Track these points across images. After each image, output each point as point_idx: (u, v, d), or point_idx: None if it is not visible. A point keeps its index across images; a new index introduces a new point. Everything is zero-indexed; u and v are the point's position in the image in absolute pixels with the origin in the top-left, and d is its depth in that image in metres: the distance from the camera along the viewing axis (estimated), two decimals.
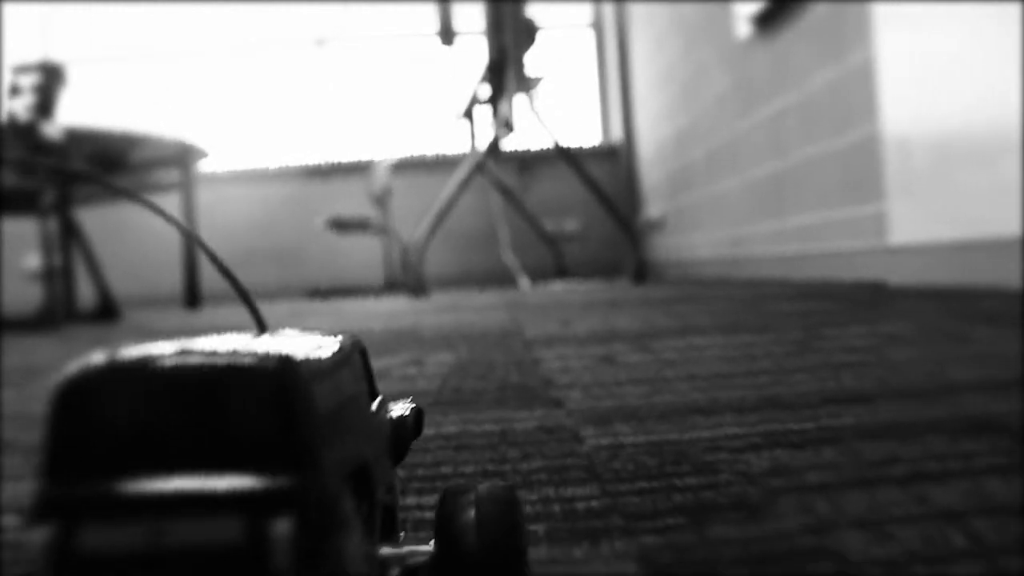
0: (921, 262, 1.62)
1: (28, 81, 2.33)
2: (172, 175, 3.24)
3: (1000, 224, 1.37)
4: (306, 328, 1.38)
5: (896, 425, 0.38)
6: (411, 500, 0.31)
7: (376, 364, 0.76)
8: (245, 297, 0.20)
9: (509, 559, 0.17)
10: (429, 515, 0.28)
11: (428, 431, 0.44)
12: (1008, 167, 1.35)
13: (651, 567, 0.22)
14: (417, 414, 0.20)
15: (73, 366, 0.14)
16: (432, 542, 0.18)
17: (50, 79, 2.47)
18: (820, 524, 0.25)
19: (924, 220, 1.61)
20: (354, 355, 0.17)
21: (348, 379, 0.16)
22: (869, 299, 1.23)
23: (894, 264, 1.73)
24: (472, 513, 0.17)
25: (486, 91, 3.44)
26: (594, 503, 0.29)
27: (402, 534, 0.20)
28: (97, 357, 0.14)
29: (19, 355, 1.16)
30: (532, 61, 3.33)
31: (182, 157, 2.98)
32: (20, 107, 2.35)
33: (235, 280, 0.19)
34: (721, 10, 2.88)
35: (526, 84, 3.32)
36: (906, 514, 0.25)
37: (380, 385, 0.62)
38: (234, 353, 0.14)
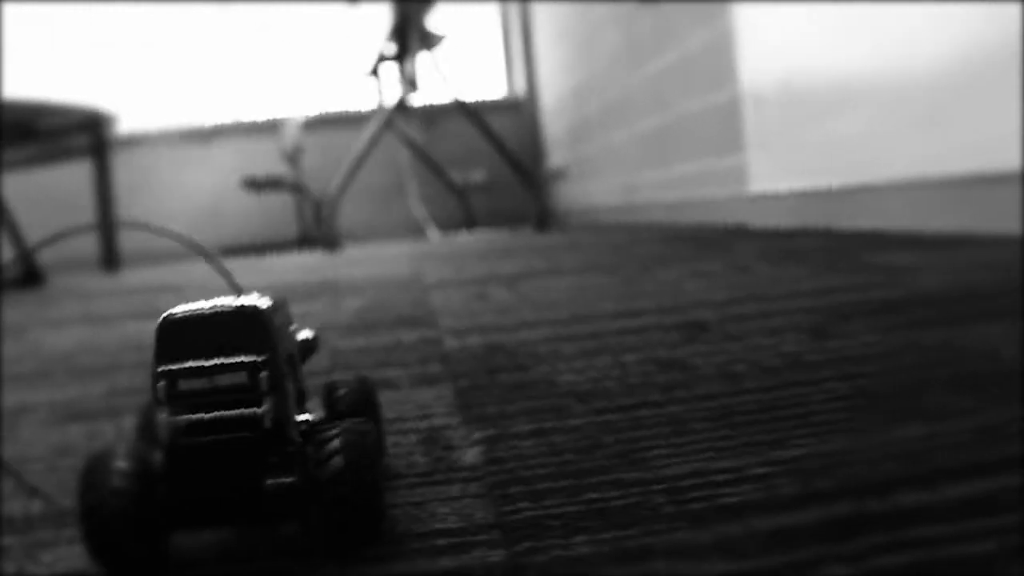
0: (774, 208, 1.86)
1: None
2: (83, 141, 3.33)
3: (834, 176, 1.62)
4: (258, 291, 1.55)
5: (639, 326, 0.59)
6: (340, 377, 0.51)
7: (301, 309, 0.95)
8: (231, 281, 0.33)
9: (367, 414, 0.33)
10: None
11: (344, 344, 0.64)
12: (840, 126, 1.59)
13: (462, 396, 0.43)
14: (316, 338, 0.34)
15: (164, 314, 0.28)
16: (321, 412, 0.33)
17: None
18: (558, 369, 0.46)
19: (776, 171, 1.85)
20: (284, 304, 0.31)
21: (284, 315, 0.30)
22: (716, 242, 1.46)
23: (754, 210, 1.97)
24: (343, 393, 0.33)
25: (391, 49, 3.56)
26: (437, 370, 0.50)
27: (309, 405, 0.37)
28: (175, 308, 0.28)
29: None
30: (435, 19, 3.47)
31: (92, 124, 3.08)
32: None
33: (226, 272, 0.37)
34: None
35: (430, 42, 3.46)
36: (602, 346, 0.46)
37: (307, 321, 0.82)
38: (239, 304, 0.28)
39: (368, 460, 0.26)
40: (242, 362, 0.27)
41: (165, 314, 0.28)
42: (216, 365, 0.27)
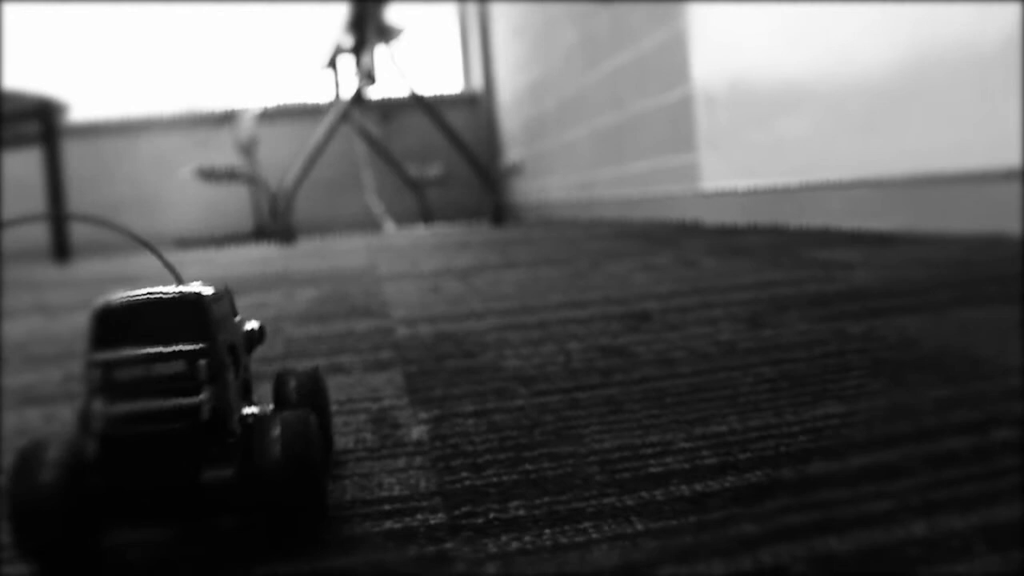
0: (726, 205, 1.90)
1: None
2: (33, 128, 3.29)
3: (781, 175, 1.65)
4: (201, 280, 1.55)
5: (585, 316, 0.61)
6: (294, 363, 0.52)
7: (256, 299, 0.96)
8: (172, 269, 0.33)
9: (314, 406, 0.32)
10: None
11: (298, 333, 0.65)
12: (787, 127, 1.62)
13: (411, 380, 0.45)
14: (262, 328, 0.33)
15: (97, 301, 0.27)
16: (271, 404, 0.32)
17: None
18: (503, 356, 0.48)
19: (727, 169, 1.89)
20: (228, 293, 0.30)
21: (226, 305, 0.29)
22: (667, 238, 1.49)
23: (706, 207, 2.01)
24: (293, 384, 0.32)
25: (349, 41, 3.55)
26: (388, 357, 0.51)
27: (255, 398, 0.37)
28: (109, 297, 0.27)
29: None
30: (393, 12, 3.47)
31: (42, 111, 3.04)
32: None
33: (165, 260, 0.33)
34: None
35: (387, 35, 3.46)
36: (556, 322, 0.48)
37: (260, 312, 0.83)
38: (177, 291, 0.27)
39: (308, 450, 0.25)
40: (180, 351, 0.26)
41: (100, 300, 0.27)
42: (153, 353, 0.26)
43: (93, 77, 4.83)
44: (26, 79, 4.85)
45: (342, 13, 3.50)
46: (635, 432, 0.32)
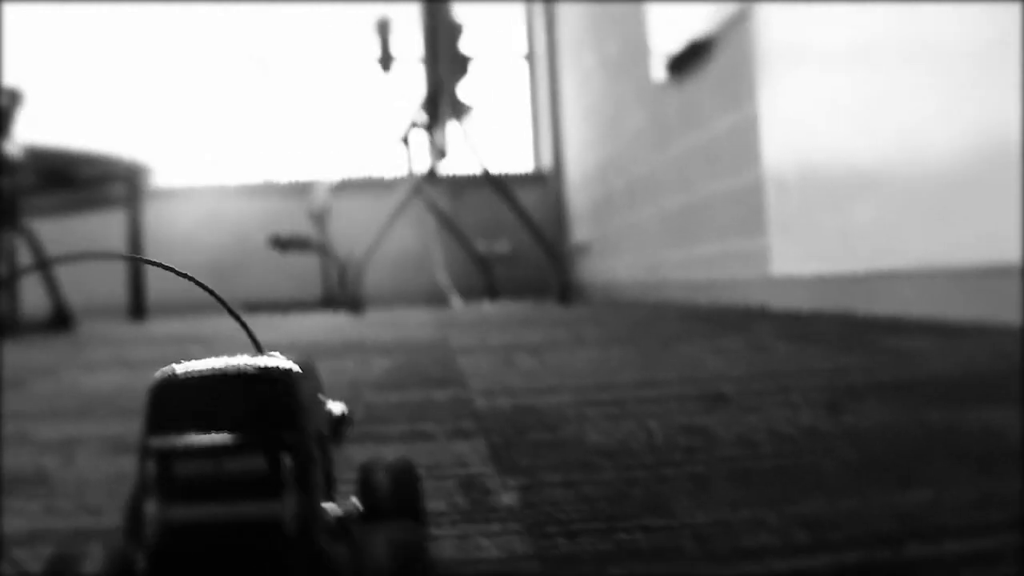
0: (795, 291, 1.89)
1: None
2: (119, 191, 3.41)
3: (852, 261, 1.65)
4: (281, 351, 1.58)
5: (660, 395, 0.62)
6: (376, 427, 0.54)
7: (334, 365, 0.99)
8: (251, 336, 0.28)
9: (411, 509, 0.25)
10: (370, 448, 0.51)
11: (376, 399, 0.67)
12: (857, 212, 1.62)
13: (495, 450, 0.46)
14: (349, 414, 0.28)
15: (159, 372, 0.22)
16: (356, 499, 0.26)
17: (10, 102, 2.64)
18: (584, 430, 0.49)
19: (797, 254, 1.88)
20: (314, 368, 0.25)
21: (313, 383, 0.24)
22: (736, 322, 1.49)
23: (775, 291, 2.00)
24: (383, 479, 0.26)
25: (422, 118, 3.64)
26: (471, 426, 0.52)
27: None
28: (171, 368, 0.22)
29: (20, 359, 1.35)
30: (466, 90, 3.56)
31: (130, 175, 3.16)
32: None
33: (245, 325, 0.28)
34: (640, 52, 3.16)
35: (460, 112, 3.54)
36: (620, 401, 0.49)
37: (337, 377, 0.85)
38: (258, 365, 0.22)
39: None
40: (260, 441, 0.21)
41: (160, 373, 0.23)
42: (225, 444, 0.21)
43: (174, 143, 5.00)
44: (113, 142, 5.04)
45: (417, 89, 3.59)
46: (724, 508, 0.33)
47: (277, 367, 0.22)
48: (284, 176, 4.97)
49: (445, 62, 3.55)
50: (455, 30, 3.53)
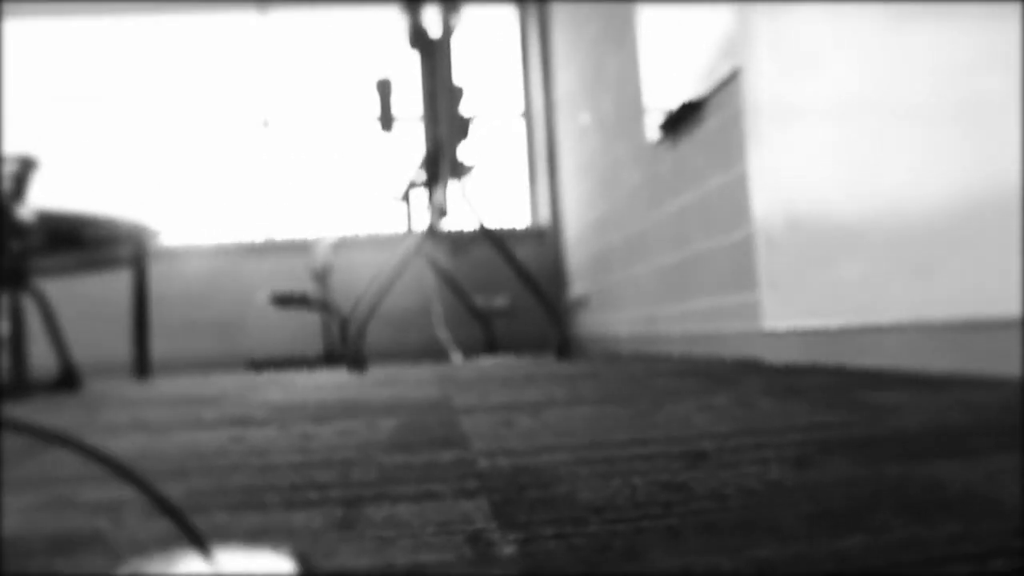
0: (786, 344, 1.95)
1: (8, 170, 2.59)
2: (126, 251, 3.49)
3: (839, 316, 1.71)
4: (290, 411, 1.63)
5: (647, 453, 0.68)
6: (389, 488, 0.60)
7: (340, 427, 1.04)
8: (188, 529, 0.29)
9: None
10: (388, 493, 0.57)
11: (387, 460, 0.73)
12: (844, 268, 1.69)
13: (496, 508, 0.52)
14: None
15: None
16: None
17: (25, 169, 2.73)
18: (576, 488, 0.55)
19: (786, 309, 1.95)
20: (310, 559, 0.26)
21: None
22: (727, 376, 1.54)
23: (767, 345, 2.06)
24: None
25: (422, 177, 3.72)
26: (474, 486, 0.58)
27: None
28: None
29: (41, 419, 1.41)
30: (466, 150, 3.65)
31: (135, 237, 3.24)
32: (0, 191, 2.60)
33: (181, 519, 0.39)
34: (635, 112, 3.26)
35: (459, 172, 3.63)
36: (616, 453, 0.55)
37: (347, 439, 0.91)
38: None
39: None
40: None
41: None
42: None
43: (179, 203, 5.10)
44: (117, 202, 5.13)
45: (416, 147, 3.68)
46: (691, 555, 0.39)
47: None
48: (286, 234, 5.05)
49: (445, 124, 3.65)
50: (456, 93, 3.62)
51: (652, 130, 2.92)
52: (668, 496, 0.52)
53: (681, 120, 2.67)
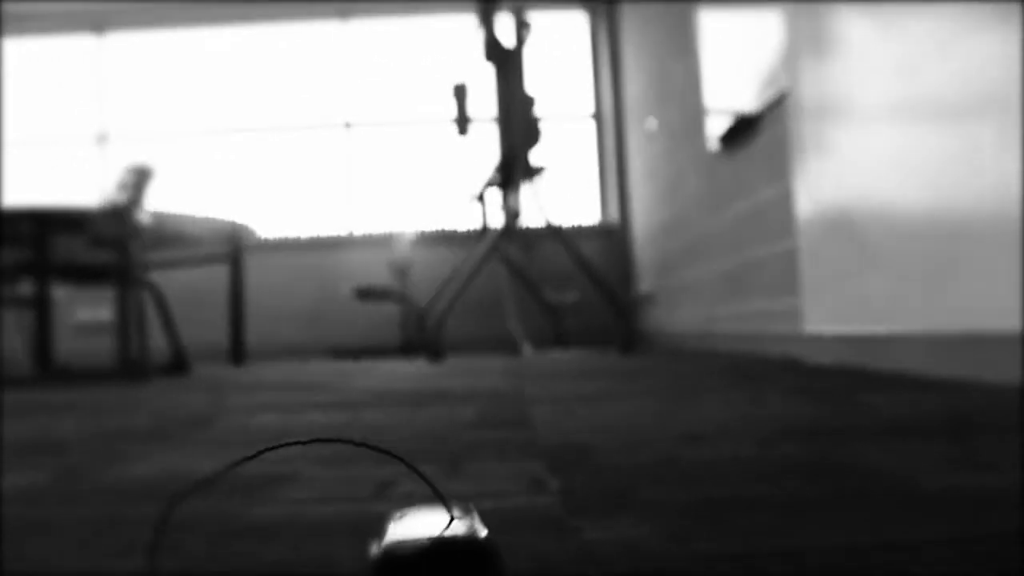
0: (823, 347, 2.17)
1: (131, 178, 2.92)
2: (223, 248, 3.82)
3: (863, 323, 1.93)
4: (384, 397, 1.90)
5: (658, 436, 0.92)
6: (470, 459, 0.86)
7: (428, 412, 1.31)
8: (442, 498, 0.34)
9: None
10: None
11: (473, 436, 0.98)
12: (873, 279, 1.91)
13: (550, 466, 0.77)
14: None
15: (381, 546, 0.29)
16: None
17: (142, 178, 3.06)
18: (600, 447, 0.80)
19: (823, 315, 2.16)
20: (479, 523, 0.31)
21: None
22: (763, 375, 1.77)
23: (807, 347, 2.28)
24: None
25: (497, 179, 3.96)
26: (535, 452, 0.84)
27: None
28: (388, 541, 0.28)
29: (163, 401, 1.71)
30: (537, 154, 3.88)
31: (233, 235, 3.56)
32: (124, 198, 2.93)
33: (436, 490, 0.43)
34: (698, 122, 3.47)
35: (532, 174, 3.86)
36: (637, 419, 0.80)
37: (437, 422, 1.17)
38: (462, 537, 0.28)
39: None
40: None
41: (379, 545, 0.27)
42: None
43: (272, 200, 5.45)
44: (215, 200, 5.50)
45: (492, 150, 3.91)
46: (663, 493, 0.63)
47: (480, 542, 0.28)
48: (368, 229, 5.37)
49: (518, 131, 3.87)
50: (528, 102, 3.86)
51: (712, 140, 3.13)
52: (662, 463, 0.76)
53: (738, 132, 2.88)
